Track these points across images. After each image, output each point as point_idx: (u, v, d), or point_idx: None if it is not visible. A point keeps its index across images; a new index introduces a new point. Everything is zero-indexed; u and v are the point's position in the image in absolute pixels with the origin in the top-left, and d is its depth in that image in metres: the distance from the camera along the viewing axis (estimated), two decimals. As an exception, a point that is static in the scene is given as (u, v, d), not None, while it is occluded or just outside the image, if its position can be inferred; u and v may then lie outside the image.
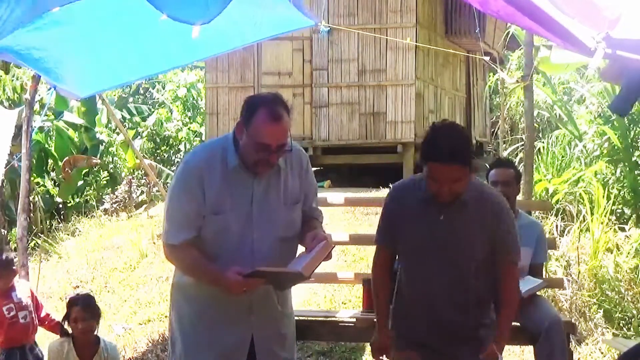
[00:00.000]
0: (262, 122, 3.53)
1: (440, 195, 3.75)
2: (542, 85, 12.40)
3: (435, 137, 3.74)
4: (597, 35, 2.90)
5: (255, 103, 3.60)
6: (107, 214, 13.47)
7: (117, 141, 16.07)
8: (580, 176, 9.93)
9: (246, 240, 3.67)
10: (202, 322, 3.78)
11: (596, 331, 7.31)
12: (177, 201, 3.69)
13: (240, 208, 3.66)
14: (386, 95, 15.20)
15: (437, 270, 3.86)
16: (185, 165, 3.75)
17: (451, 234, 3.84)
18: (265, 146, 3.54)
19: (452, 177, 3.68)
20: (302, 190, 3.83)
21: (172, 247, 3.70)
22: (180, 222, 3.67)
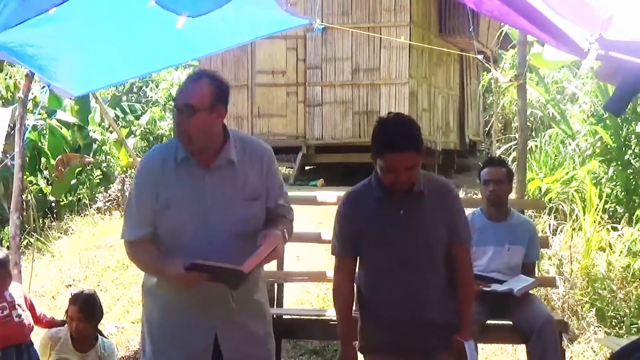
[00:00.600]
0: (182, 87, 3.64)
1: (398, 186, 3.79)
2: (535, 84, 12.40)
3: (386, 130, 3.83)
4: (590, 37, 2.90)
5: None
6: (100, 213, 13.44)
7: (110, 140, 16.05)
8: (573, 175, 9.94)
9: (201, 236, 3.60)
10: (168, 323, 3.75)
11: (588, 330, 7.32)
12: (133, 199, 3.72)
13: (193, 202, 3.62)
14: (380, 94, 15.22)
15: (403, 266, 3.87)
16: (141, 163, 3.85)
17: (414, 227, 3.87)
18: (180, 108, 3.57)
19: (407, 164, 3.74)
20: (264, 186, 3.76)
21: (128, 244, 3.72)
22: (134, 220, 3.69)
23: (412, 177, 3.80)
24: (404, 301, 3.89)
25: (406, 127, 3.84)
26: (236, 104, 15.78)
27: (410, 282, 3.88)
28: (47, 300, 9.20)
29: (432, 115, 16.48)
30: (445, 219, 3.91)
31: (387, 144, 3.77)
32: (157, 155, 3.75)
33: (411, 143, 3.75)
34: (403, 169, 3.74)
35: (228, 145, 3.67)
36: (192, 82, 3.60)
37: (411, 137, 3.78)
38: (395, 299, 3.91)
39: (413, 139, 3.77)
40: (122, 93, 20.93)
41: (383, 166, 3.79)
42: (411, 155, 3.74)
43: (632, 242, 8.41)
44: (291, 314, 6.26)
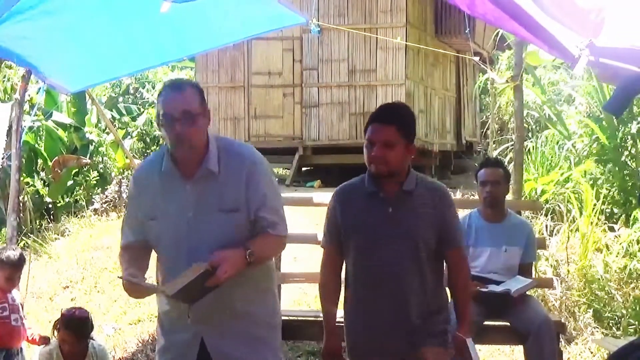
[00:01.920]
0: (163, 97, 3.53)
1: (373, 163, 3.82)
2: (531, 86, 12.42)
3: (379, 106, 3.97)
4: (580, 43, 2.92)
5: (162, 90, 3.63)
6: (97, 214, 13.42)
7: (107, 141, 16.02)
8: (568, 176, 9.95)
9: (181, 248, 3.58)
10: (161, 326, 3.85)
11: (586, 331, 7.33)
12: (127, 206, 3.90)
13: (175, 214, 3.61)
14: (376, 95, 15.23)
15: (389, 263, 3.85)
16: (134, 174, 3.91)
17: (400, 225, 3.86)
18: (167, 116, 3.49)
19: (385, 138, 3.77)
20: (244, 197, 3.62)
21: (120, 249, 3.83)
22: (125, 227, 3.81)
23: (388, 157, 3.79)
24: (383, 301, 3.90)
25: (397, 106, 3.99)
26: (232, 105, 15.79)
27: (390, 282, 3.87)
28: (44, 301, 9.19)
29: (429, 116, 16.49)
30: (435, 222, 3.89)
31: (371, 116, 3.88)
32: (145, 166, 3.84)
33: (394, 118, 3.83)
34: (381, 142, 3.78)
35: (207, 155, 3.59)
36: (179, 90, 3.53)
37: (396, 114, 3.87)
38: (375, 298, 3.92)
39: (398, 116, 3.85)
40: (119, 94, 20.91)
41: (365, 141, 3.85)
42: (391, 130, 3.78)
43: (629, 243, 8.42)
44: (288, 315, 6.25)
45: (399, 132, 3.79)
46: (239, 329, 3.72)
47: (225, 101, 15.82)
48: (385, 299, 3.89)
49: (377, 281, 3.89)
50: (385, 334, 3.92)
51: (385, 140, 3.78)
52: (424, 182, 3.98)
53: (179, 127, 3.46)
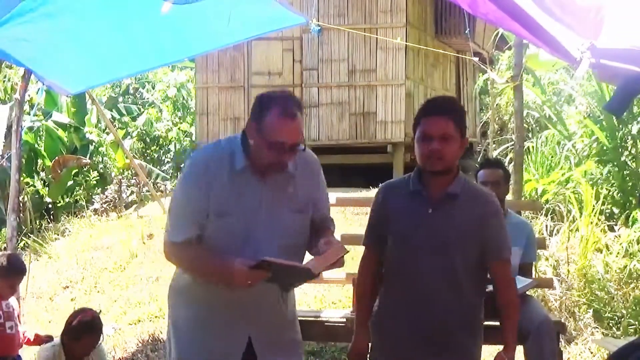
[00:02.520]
0: (276, 120, 3.43)
1: (430, 156, 3.66)
2: (531, 86, 12.42)
3: (428, 100, 3.88)
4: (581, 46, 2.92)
5: (268, 101, 3.49)
6: (97, 214, 13.44)
7: (107, 141, 16.04)
8: (569, 176, 9.96)
9: (249, 245, 3.55)
10: (197, 326, 3.69)
11: (586, 331, 7.33)
12: (182, 199, 3.61)
13: (247, 212, 3.55)
14: (376, 95, 15.22)
15: (426, 265, 3.70)
16: (193, 161, 3.66)
17: (440, 228, 3.70)
18: (279, 144, 3.43)
19: (443, 131, 3.63)
20: (312, 198, 3.72)
21: (174, 245, 3.59)
22: (183, 220, 3.57)
23: (446, 152, 3.64)
24: (410, 309, 3.77)
25: (448, 98, 3.95)
26: (232, 105, 15.78)
27: (421, 290, 3.74)
28: (44, 301, 9.20)
29: (429, 116, 16.48)
30: (479, 231, 3.70)
31: (425, 108, 3.78)
32: (211, 158, 3.59)
33: (448, 109, 3.72)
34: (437, 136, 3.63)
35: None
36: (293, 119, 3.47)
37: (449, 105, 3.79)
38: (403, 304, 3.79)
39: (451, 107, 3.75)
40: (119, 94, 20.92)
41: (419, 135, 3.71)
42: (446, 121, 3.65)
43: (629, 243, 8.42)
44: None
45: (456, 126, 3.67)
46: (285, 332, 3.82)
47: (225, 101, 15.81)
48: (407, 305, 3.78)
49: (410, 288, 3.76)
50: (411, 343, 3.79)
51: (444, 133, 3.64)
52: (471, 187, 3.84)
53: (286, 157, 3.50)
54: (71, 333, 5.32)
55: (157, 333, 7.77)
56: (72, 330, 5.32)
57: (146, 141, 18.40)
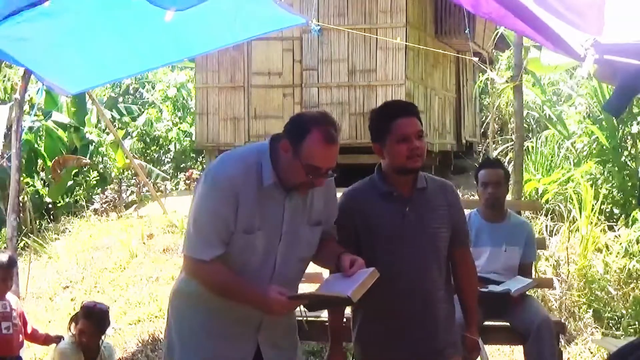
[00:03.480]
0: (316, 145, 3.39)
1: (412, 155, 3.73)
2: (531, 86, 12.42)
3: (392, 103, 4.04)
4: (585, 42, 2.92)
5: (308, 122, 3.44)
6: (97, 214, 13.44)
7: (107, 141, 16.04)
8: (569, 176, 9.96)
9: (270, 260, 3.55)
10: (205, 333, 3.65)
11: (586, 331, 7.33)
12: (210, 215, 3.48)
13: (270, 227, 3.52)
14: (376, 95, 15.22)
15: (409, 263, 3.78)
16: (219, 177, 3.51)
17: (419, 225, 3.81)
18: (316, 169, 3.41)
19: (418, 131, 3.75)
20: (326, 210, 3.73)
21: (202, 263, 3.48)
22: (211, 237, 3.47)
23: (423, 150, 3.77)
24: (410, 298, 3.82)
25: (405, 101, 4.19)
26: (232, 106, 15.78)
27: (417, 279, 3.81)
28: (44, 301, 9.20)
29: (429, 116, 16.47)
30: (448, 217, 3.88)
31: (400, 109, 3.84)
32: (238, 173, 3.49)
33: (414, 110, 3.85)
34: (415, 135, 3.74)
35: None
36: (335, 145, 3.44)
37: (413, 106, 3.93)
38: (400, 295, 3.81)
39: (415, 108, 3.89)
40: (119, 94, 20.92)
41: (396, 135, 3.74)
42: (418, 123, 3.78)
43: (629, 243, 8.42)
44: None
45: (421, 125, 3.81)
46: (288, 336, 3.85)
47: (225, 101, 15.81)
48: (405, 295, 3.81)
49: (397, 278, 3.77)
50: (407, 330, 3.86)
51: (419, 131, 3.77)
52: (432, 179, 3.97)
53: (320, 181, 3.48)
54: (76, 318, 5.54)
55: (157, 333, 7.77)
56: (77, 316, 5.55)
57: (146, 141, 18.40)
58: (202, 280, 3.57)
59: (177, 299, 3.78)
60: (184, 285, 3.73)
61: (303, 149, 3.39)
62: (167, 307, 3.90)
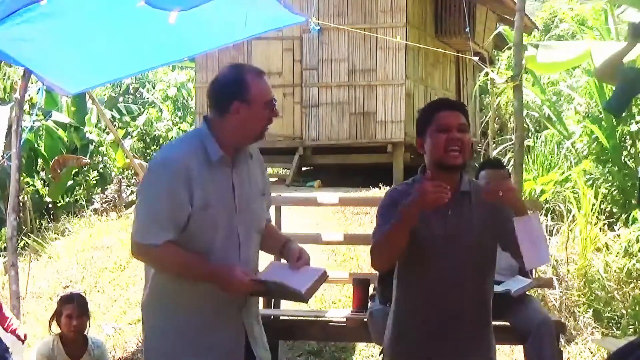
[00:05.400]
0: (259, 84, 3.62)
1: (452, 146, 3.58)
2: (531, 85, 12.42)
3: (437, 99, 3.89)
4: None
5: (239, 75, 3.62)
6: (97, 214, 13.45)
7: (107, 141, 16.05)
8: (567, 176, 9.96)
9: (233, 236, 3.60)
10: (193, 330, 3.63)
11: (585, 330, 7.34)
12: (160, 198, 3.49)
13: (225, 201, 3.58)
14: (376, 95, 15.23)
15: (452, 267, 3.63)
16: (167, 160, 3.58)
17: (462, 228, 3.64)
18: (270, 102, 3.63)
19: (459, 124, 3.60)
20: (263, 180, 3.83)
21: (152, 247, 3.49)
22: (162, 221, 3.48)
23: (464, 144, 3.60)
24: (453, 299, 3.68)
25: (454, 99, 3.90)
26: (233, 105, 15.78)
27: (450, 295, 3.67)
28: (44, 301, 9.20)
29: (429, 116, 16.47)
30: (493, 224, 3.66)
31: (441, 103, 3.75)
32: (185, 153, 3.55)
33: (458, 105, 3.75)
34: (456, 127, 3.59)
35: None
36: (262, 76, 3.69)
37: (459, 103, 3.84)
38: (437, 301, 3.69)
39: (461, 105, 3.79)
40: (119, 94, 20.93)
41: (436, 125, 3.62)
42: (462, 117, 3.64)
43: (629, 243, 8.42)
44: (289, 315, 6.26)
45: (467, 120, 3.67)
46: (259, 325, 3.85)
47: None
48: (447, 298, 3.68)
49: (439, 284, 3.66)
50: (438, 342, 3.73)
51: (461, 124, 3.62)
52: (476, 183, 3.82)
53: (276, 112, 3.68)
54: (55, 313, 5.57)
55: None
56: (55, 311, 5.58)
57: (146, 141, 18.42)
58: (155, 264, 3.62)
59: (152, 307, 3.73)
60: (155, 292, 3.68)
61: (253, 94, 3.57)
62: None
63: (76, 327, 5.47)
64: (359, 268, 8.42)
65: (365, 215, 10.65)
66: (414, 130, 3.83)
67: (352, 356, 7.07)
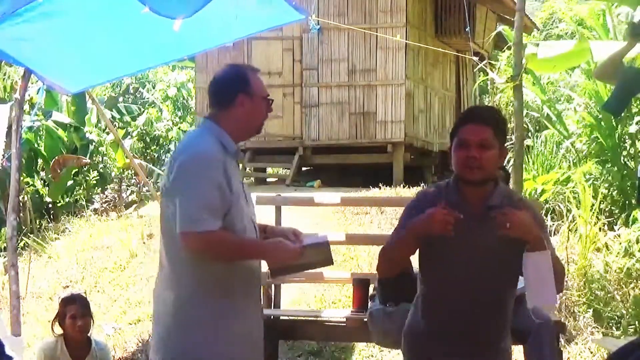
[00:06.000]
0: (259, 80, 3.91)
1: (468, 164, 3.52)
2: (531, 85, 12.41)
3: (468, 108, 3.93)
4: None
5: (242, 72, 3.89)
6: (97, 214, 13.45)
7: (107, 141, 16.04)
8: (568, 176, 9.95)
9: (250, 223, 3.81)
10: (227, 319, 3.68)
11: (585, 331, 7.34)
12: (208, 188, 3.61)
13: (242, 192, 3.80)
14: (376, 95, 15.23)
15: (472, 276, 3.58)
16: (204, 154, 3.68)
17: (484, 241, 3.53)
18: (267, 97, 3.92)
19: (480, 138, 3.51)
20: None
21: (210, 234, 3.57)
22: (214, 209, 3.59)
23: (484, 160, 3.50)
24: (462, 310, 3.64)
25: (488, 107, 3.83)
26: (232, 105, 15.77)
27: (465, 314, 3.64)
28: (44, 301, 9.21)
29: (429, 116, 16.48)
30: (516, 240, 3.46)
31: (463, 117, 3.72)
32: (214, 146, 3.72)
33: (487, 118, 3.59)
34: (475, 143, 3.50)
35: None
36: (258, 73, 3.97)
37: (489, 114, 3.66)
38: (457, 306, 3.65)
39: (491, 117, 3.63)
40: (119, 94, 20.93)
41: (458, 140, 3.57)
42: (486, 130, 3.52)
43: (629, 243, 8.42)
44: (288, 315, 6.27)
45: (494, 134, 3.54)
46: None
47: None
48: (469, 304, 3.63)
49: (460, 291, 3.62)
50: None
51: (482, 139, 3.51)
52: (512, 198, 3.68)
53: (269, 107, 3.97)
54: (58, 314, 5.59)
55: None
56: (58, 312, 5.59)
57: (146, 141, 18.40)
58: (215, 251, 3.65)
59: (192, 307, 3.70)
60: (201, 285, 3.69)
61: (254, 88, 3.85)
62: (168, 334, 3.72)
63: (81, 327, 5.48)
64: (359, 268, 8.42)
65: (365, 215, 10.65)
66: (413, 130, 3.87)
67: (352, 356, 7.07)
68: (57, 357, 5.49)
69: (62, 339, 5.53)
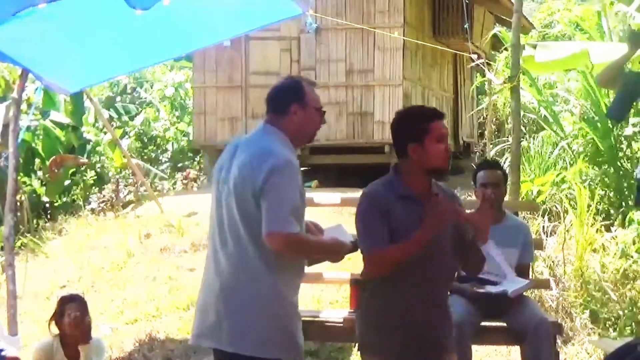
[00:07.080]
0: (313, 93, 4.14)
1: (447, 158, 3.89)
2: (528, 86, 12.43)
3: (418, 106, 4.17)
4: None
5: (298, 83, 4.12)
6: (94, 214, 13.43)
7: (104, 140, 16.04)
8: (563, 177, 9.96)
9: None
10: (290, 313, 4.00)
11: (582, 331, 7.35)
12: (294, 194, 3.87)
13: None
14: (374, 96, 15.23)
15: (427, 267, 3.80)
16: (291, 161, 3.93)
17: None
18: (321, 108, 4.17)
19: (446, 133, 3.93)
20: None
21: (295, 235, 3.83)
22: (297, 214, 3.88)
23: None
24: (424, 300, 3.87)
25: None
26: (230, 105, 15.77)
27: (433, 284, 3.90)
28: (41, 301, 9.20)
29: (426, 116, 16.49)
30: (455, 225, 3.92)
31: (435, 112, 3.97)
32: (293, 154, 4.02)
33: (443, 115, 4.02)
34: (447, 137, 3.92)
35: None
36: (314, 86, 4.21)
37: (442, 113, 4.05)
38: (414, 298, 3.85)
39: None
40: (116, 94, 20.90)
41: (436, 135, 3.86)
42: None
43: (625, 244, 8.43)
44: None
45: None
46: None
47: (222, 101, 15.80)
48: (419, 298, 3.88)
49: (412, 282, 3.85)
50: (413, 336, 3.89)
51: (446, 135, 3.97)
52: (441, 188, 4.06)
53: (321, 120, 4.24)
54: (56, 313, 5.58)
55: (154, 333, 7.77)
56: (56, 311, 5.59)
57: (144, 141, 18.41)
58: (296, 250, 3.95)
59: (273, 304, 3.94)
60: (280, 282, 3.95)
61: (308, 99, 4.09)
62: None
63: (80, 327, 5.48)
64: (357, 268, 8.40)
65: (362, 216, 10.63)
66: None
67: (349, 357, 7.07)
68: (53, 356, 5.49)
69: (59, 339, 5.53)
